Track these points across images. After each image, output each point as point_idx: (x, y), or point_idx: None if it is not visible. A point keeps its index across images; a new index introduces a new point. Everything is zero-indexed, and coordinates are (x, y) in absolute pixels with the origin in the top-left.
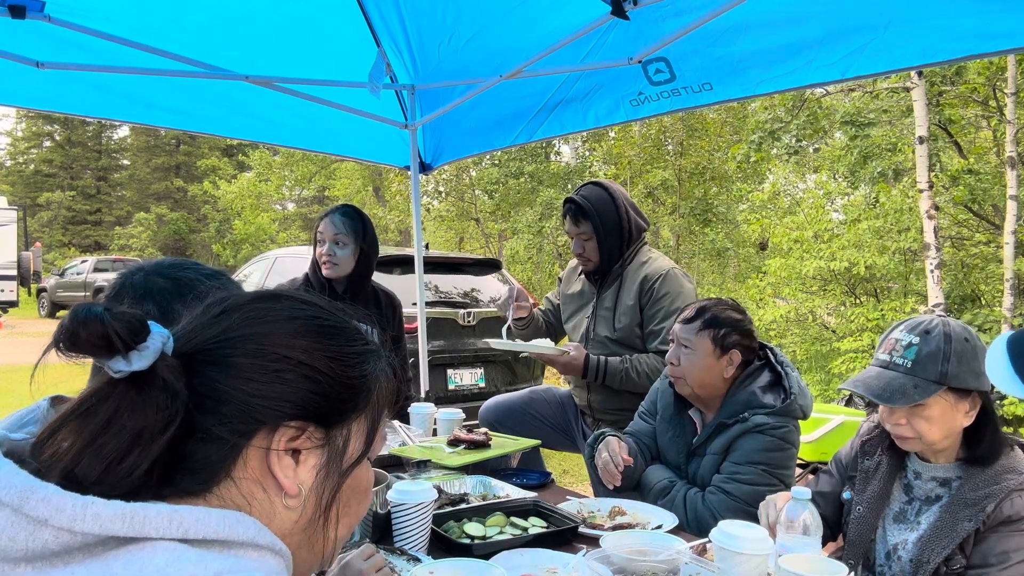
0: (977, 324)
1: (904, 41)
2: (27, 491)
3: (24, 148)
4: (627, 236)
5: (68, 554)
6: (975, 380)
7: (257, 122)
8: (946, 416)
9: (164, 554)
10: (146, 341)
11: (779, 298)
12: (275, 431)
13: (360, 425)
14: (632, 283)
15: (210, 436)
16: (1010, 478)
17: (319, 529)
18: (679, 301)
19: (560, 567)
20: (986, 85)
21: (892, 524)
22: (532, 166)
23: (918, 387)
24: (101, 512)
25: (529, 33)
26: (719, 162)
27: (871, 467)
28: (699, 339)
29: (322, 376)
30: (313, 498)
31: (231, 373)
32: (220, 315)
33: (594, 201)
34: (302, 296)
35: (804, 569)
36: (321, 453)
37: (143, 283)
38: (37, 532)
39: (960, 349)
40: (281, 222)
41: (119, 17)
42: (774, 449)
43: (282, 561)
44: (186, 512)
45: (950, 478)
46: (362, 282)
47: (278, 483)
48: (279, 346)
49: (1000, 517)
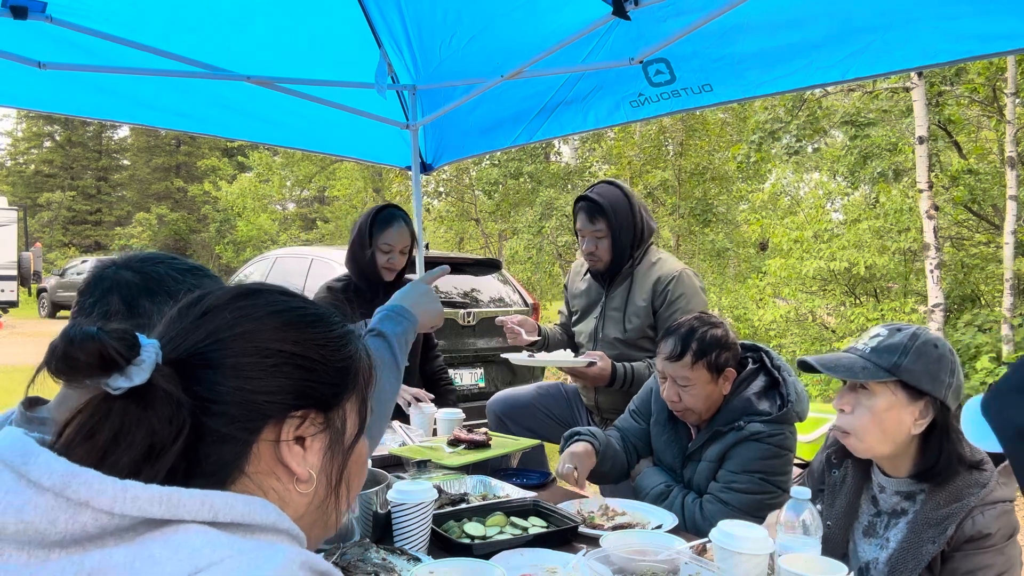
0: (977, 324)
1: (904, 42)
2: (69, 475)
3: (24, 148)
4: (639, 236)
5: (101, 538)
6: (929, 383)
7: (257, 122)
8: (891, 414)
9: (197, 536)
10: (141, 354)
11: (779, 298)
12: (282, 423)
13: (352, 404)
14: (644, 284)
15: (220, 437)
16: (972, 493)
17: (330, 505)
18: (695, 301)
19: (560, 567)
20: (986, 85)
21: (863, 539)
22: (532, 166)
23: (866, 369)
24: (140, 494)
25: (530, 33)
26: (719, 162)
27: (838, 480)
28: (695, 373)
29: (315, 364)
30: (323, 479)
31: (231, 374)
32: (203, 316)
33: (610, 199)
34: (277, 288)
35: (804, 569)
36: (324, 436)
37: (112, 276)
38: (78, 515)
39: (922, 349)
40: (281, 222)
41: (120, 18)
42: (771, 457)
43: (299, 545)
44: (216, 496)
45: (914, 491)
46: (401, 280)
47: (290, 471)
48: (271, 341)
49: (963, 536)
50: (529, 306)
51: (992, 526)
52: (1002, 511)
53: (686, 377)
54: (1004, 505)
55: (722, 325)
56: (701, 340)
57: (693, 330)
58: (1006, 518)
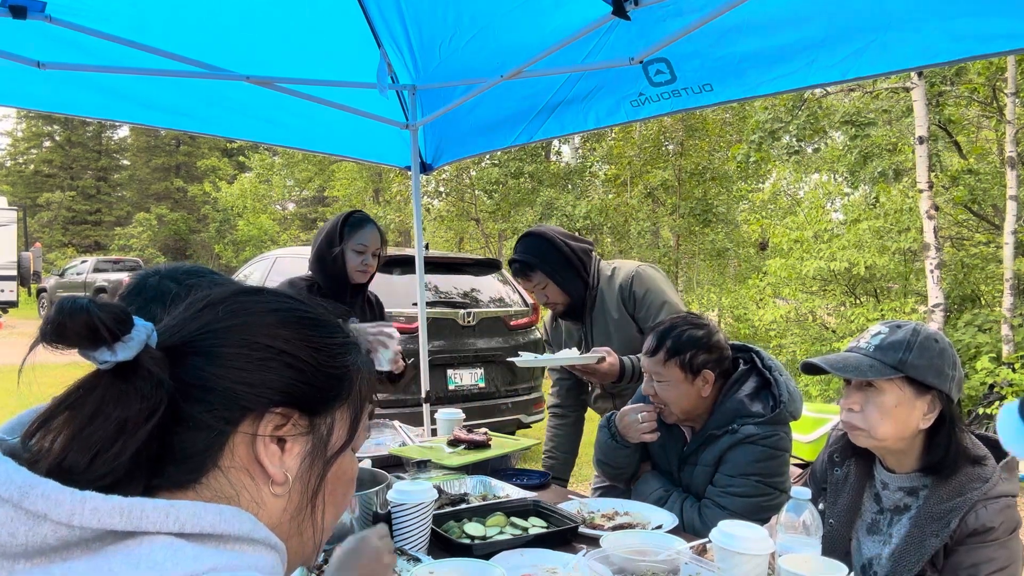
0: (977, 324)
1: (904, 42)
2: (27, 487)
3: (24, 148)
4: (578, 264)
5: (66, 549)
6: (935, 377)
7: (257, 122)
8: (901, 410)
9: (162, 549)
10: (131, 332)
11: (779, 298)
12: (261, 418)
13: (343, 415)
14: (610, 298)
15: (196, 423)
16: (975, 487)
17: (307, 517)
18: (662, 291)
19: (560, 567)
20: (986, 85)
21: (866, 536)
22: (532, 166)
23: (873, 367)
24: (99, 506)
25: (530, 33)
26: (719, 162)
27: (840, 478)
28: (668, 370)
29: (305, 365)
30: (299, 486)
31: (216, 362)
32: (203, 309)
33: (532, 250)
34: (282, 291)
35: (804, 569)
36: (306, 441)
37: (155, 286)
38: (37, 527)
39: (925, 344)
40: (281, 222)
41: (119, 17)
42: (766, 459)
43: (277, 556)
44: (182, 507)
45: (916, 487)
46: (367, 286)
47: (264, 471)
48: (263, 336)
49: (966, 530)
50: (529, 306)
51: (995, 520)
52: (1005, 505)
53: (659, 373)
54: (1007, 500)
55: (706, 327)
56: (677, 339)
57: (672, 328)
58: (1009, 512)
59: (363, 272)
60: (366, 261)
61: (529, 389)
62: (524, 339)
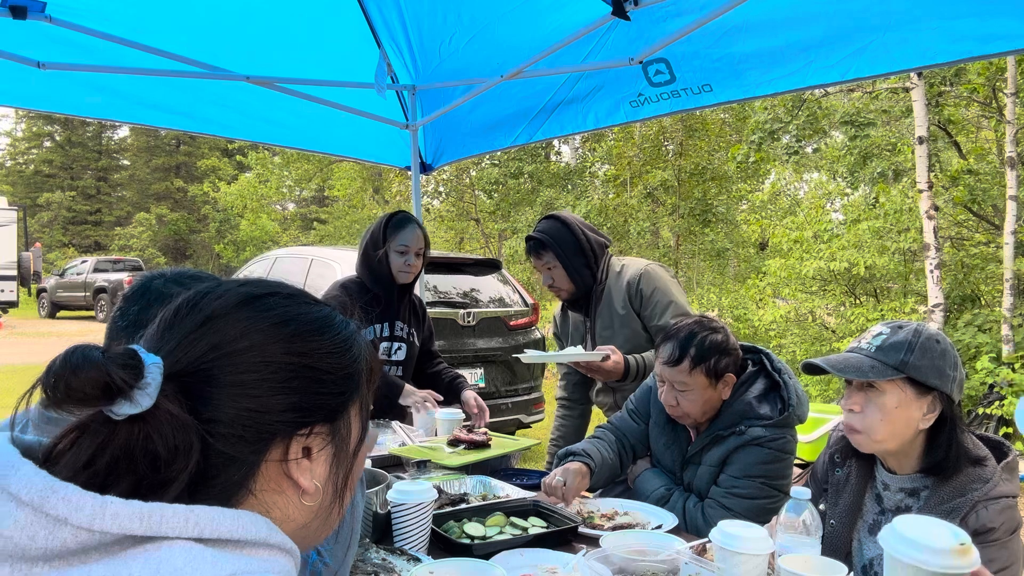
0: (977, 324)
1: (904, 43)
2: (48, 490)
3: (24, 148)
4: (590, 255)
5: (85, 553)
6: (936, 378)
7: (257, 122)
8: (901, 411)
9: (181, 554)
10: (146, 377)
11: (779, 298)
12: (289, 440)
13: (356, 408)
14: (617, 294)
15: (228, 459)
16: (976, 488)
17: (335, 507)
18: (669, 291)
19: (560, 567)
20: (986, 85)
21: (867, 536)
22: (532, 166)
23: (875, 368)
24: (120, 511)
25: (530, 34)
26: (719, 162)
27: (841, 478)
28: (693, 378)
29: (323, 375)
30: (330, 487)
31: (237, 392)
32: (204, 324)
33: (550, 231)
34: (283, 291)
35: (804, 569)
36: (330, 448)
37: (160, 289)
38: (56, 531)
39: (926, 344)
40: (281, 223)
41: (119, 17)
42: (772, 461)
43: (291, 560)
44: (201, 512)
45: (917, 488)
46: (412, 286)
47: (296, 484)
48: (279, 354)
49: (967, 531)
50: (529, 306)
51: (996, 520)
52: (1005, 506)
53: (684, 382)
54: (1007, 500)
55: (722, 330)
56: (700, 345)
57: (692, 335)
58: (1009, 513)
59: (407, 272)
60: (409, 261)
61: (529, 389)
62: (524, 339)
